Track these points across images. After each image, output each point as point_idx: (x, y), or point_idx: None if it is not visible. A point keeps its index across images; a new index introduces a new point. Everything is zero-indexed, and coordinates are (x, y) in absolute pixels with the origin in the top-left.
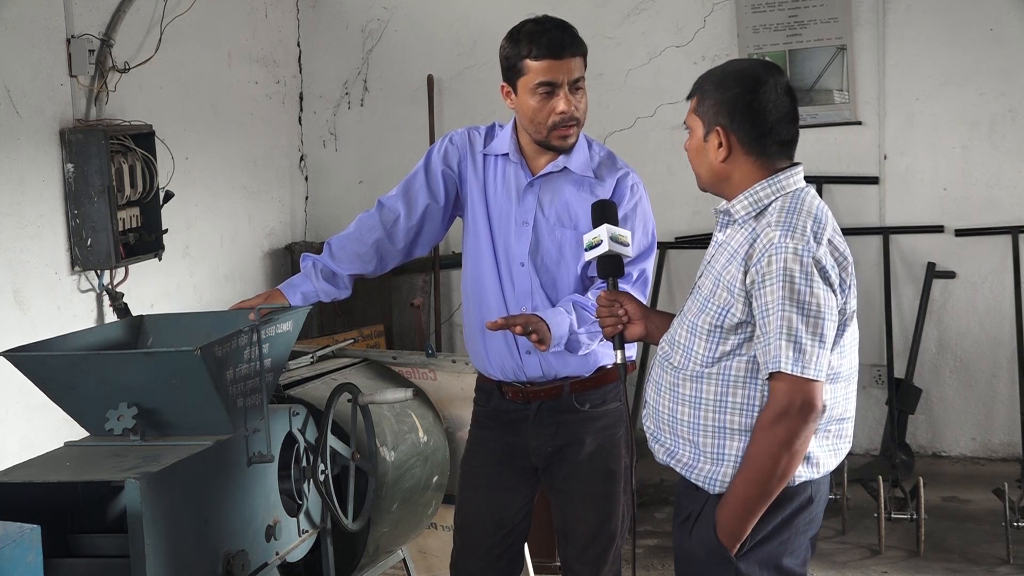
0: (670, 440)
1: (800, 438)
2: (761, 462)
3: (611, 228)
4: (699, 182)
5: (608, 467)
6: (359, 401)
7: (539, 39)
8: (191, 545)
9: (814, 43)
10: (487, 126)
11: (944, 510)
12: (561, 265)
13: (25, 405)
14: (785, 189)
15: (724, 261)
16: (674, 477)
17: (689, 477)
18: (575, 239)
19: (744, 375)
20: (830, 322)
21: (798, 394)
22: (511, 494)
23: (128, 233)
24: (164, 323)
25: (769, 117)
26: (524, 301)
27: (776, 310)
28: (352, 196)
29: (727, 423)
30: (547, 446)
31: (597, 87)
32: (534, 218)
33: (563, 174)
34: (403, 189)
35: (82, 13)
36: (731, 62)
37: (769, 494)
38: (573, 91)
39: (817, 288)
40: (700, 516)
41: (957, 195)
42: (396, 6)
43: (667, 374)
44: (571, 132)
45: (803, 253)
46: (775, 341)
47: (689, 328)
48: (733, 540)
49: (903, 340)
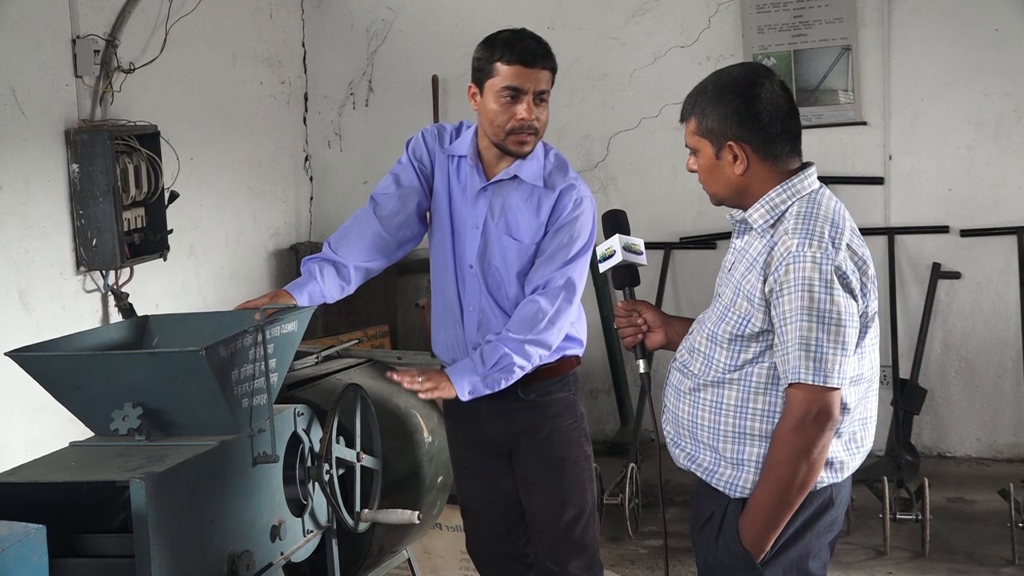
0: (690, 445)
1: (818, 447)
2: (780, 472)
3: (623, 238)
4: (714, 199)
5: (559, 454)
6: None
7: (514, 46)
8: (196, 545)
9: (819, 43)
10: (455, 125)
11: (949, 511)
12: (504, 271)
13: (30, 405)
14: (800, 192)
15: (743, 270)
16: (680, 478)
17: (710, 481)
18: (518, 250)
19: (766, 382)
20: (851, 328)
21: (815, 403)
22: (492, 480)
23: (133, 233)
24: (169, 323)
25: (776, 118)
26: (473, 301)
27: (795, 320)
28: (357, 196)
29: (747, 428)
30: (501, 434)
31: (602, 87)
32: (484, 222)
33: (513, 182)
34: (393, 181)
35: (87, 13)
36: (716, 74)
37: (790, 504)
38: (537, 102)
39: (837, 296)
40: (724, 523)
41: (962, 195)
42: (401, 7)
43: (687, 380)
44: (528, 140)
45: (822, 261)
46: (793, 352)
47: (709, 336)
48: (757, 551)
49: (908, 341)
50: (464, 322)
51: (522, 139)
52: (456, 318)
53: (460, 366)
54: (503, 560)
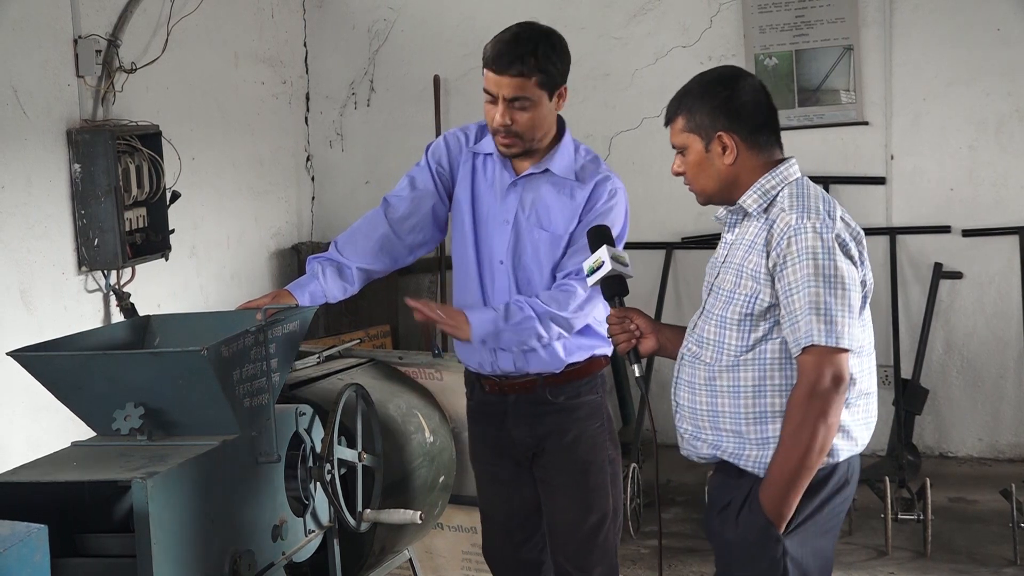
0: (712, 435)
1: (834, 409)
2: (800, 437)
3: (610, 249)
4: (702, 197)
5: (586, 458)
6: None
7: (492, 48)
8: (197, 545)
9: (820, 43)
10: (480, 123)
11: (951, 511)
12: (536, 265)
13: (32, 405)
14: (788, 179)
15: (743, 253)
16: (681, 477)
17: (738, 464)
18: (551, 241)
19: (780, 357)
20: (855, 293)
21: (828, 366)
22: (513, 487)
23: (135, 233)
24: (171, 323)
25: (760, 109)
26: (502, 298)
27: (803, 287)
28: (358, 196)
29: (767, 406)
30: (527, 438)
31: (603, 87)
32: (515, 217)
33: (544, 176)
34: (408, 184)
35: (89, 13)
36: (698, 76)
37: (811, 468)
38: (515, 107)
39: (840, 262)
40: (746, 502)
41: (964, 195)
42: (402, 7)
43: (700, 371)
44: (510, 142)
45: (823, 230)
46: (804, 317)
47: (718, 323)
48: (779, 519)
49: (910, 340)
50: None
51: (503, 141)
52: None
53: (481, 313)
54: (520, 567)
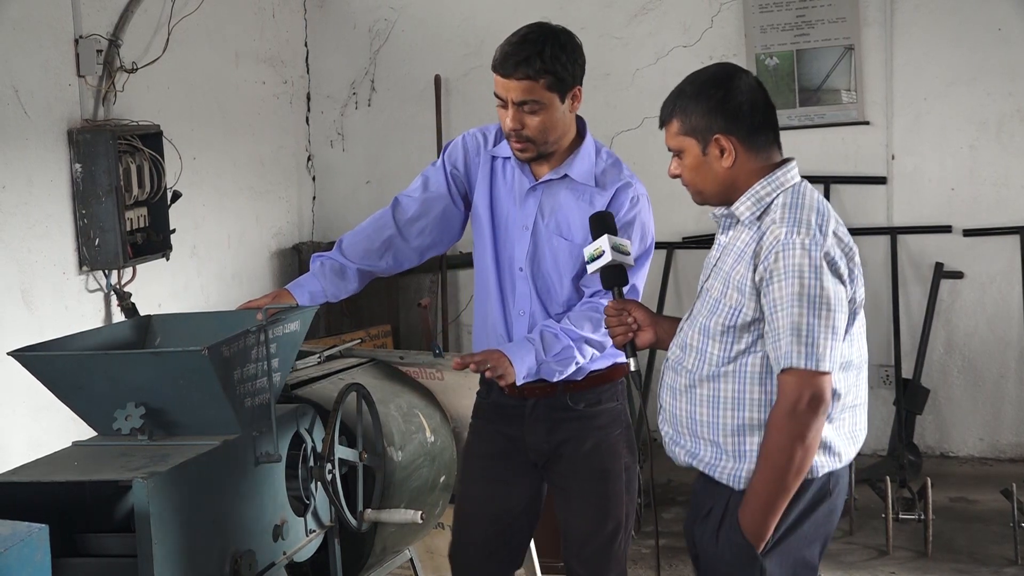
0: (690, 442)
1: (812, 431)
2: (777, 458)
3: (612, 238)
4: (699, 198)
5: (604, 466)
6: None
7: (500, 50)
8: (198, 545)
9: (821, 43)
10: (498, 126)
11: (952, 511)
12: (556, 274)
13: (33, 405)
14: (784, 185)
15: (732, 261)
16: (681, 478)
17: (712, 475)
18: (570, 250)
19: (761, 371)
20: (840, 313)
21: (807, 388)
22: (509, 488)
23: (136, 233)
24: (172, 323)
25: (757, 108)
26: (521, 305)
27: (785, 307)
28: (359, 196)
29: (746, 420)
30: (543, 443)
31: (604, 87)
32: (534, 223)
33: (563, 181)
34: (420, 186)
35: (90, 13)
36: (690, 76)
37: (788, 489)
38: (525, 111)
39: (827, 281)
40: (725, 516)
41: (965, 195)
42: (403, 6)
43: (681, 377)
44: (523, 147)
45: (811, 248)
46: (785, 338)
47: (701, 330)
48: (758, 539)
49: (911, 340)
50: (511, 327)
51: (516, 145)
52: (502, 323)
53: (519, 350)
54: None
